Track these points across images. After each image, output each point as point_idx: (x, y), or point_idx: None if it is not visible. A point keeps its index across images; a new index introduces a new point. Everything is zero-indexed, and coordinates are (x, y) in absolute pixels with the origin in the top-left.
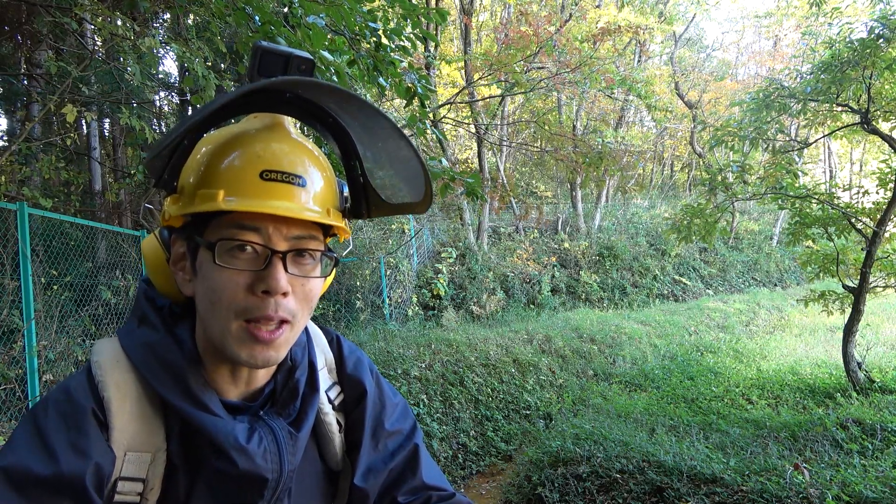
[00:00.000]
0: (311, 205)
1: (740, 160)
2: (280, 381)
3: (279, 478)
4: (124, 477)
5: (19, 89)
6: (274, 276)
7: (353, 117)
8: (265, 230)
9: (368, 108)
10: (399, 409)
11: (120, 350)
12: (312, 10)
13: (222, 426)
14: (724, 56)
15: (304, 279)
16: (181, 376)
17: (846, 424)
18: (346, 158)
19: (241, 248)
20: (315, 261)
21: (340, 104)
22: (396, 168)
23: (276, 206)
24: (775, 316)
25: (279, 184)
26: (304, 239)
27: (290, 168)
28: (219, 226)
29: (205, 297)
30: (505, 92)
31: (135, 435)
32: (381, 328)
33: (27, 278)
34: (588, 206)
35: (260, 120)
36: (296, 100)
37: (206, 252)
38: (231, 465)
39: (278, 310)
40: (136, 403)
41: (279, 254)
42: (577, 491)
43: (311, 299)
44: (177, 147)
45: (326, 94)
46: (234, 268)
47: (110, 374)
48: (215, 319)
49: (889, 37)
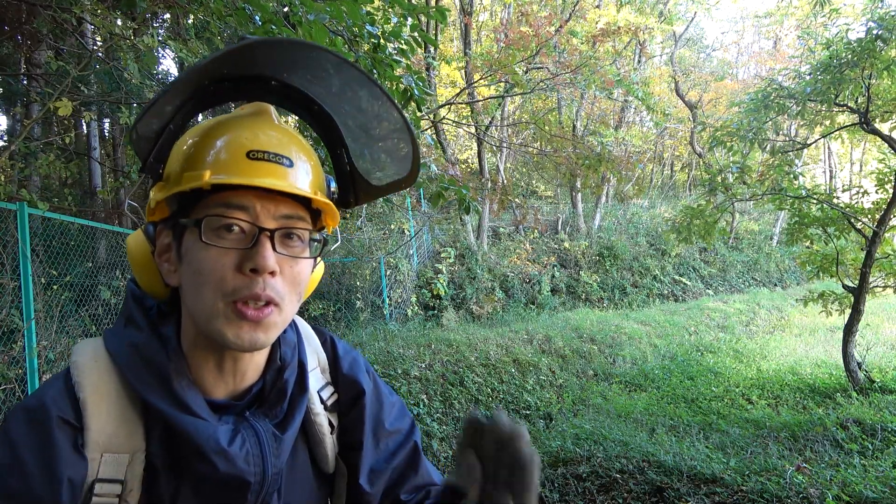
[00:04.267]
0: (300, 184)
1: (740, 161)
2: (269, 381)
3: (262, 481)
4: (101, 479)
5: (19, 89)
6: (262, 254)
7: (329, 84)
8: (253, 208)
9: (335, 57)
10: (397, 408)
11: (101, 350)
12: (313, 8)
13: (203, 428)
14: (724, 56)
15: (293, 260)
16: (164, 376)
17: (846, 424)
18: (333, 147)
19: (228, 229)
20: (304, 243)
21: (312, 68)
22: (383, 141)
23: (263, 182)
24: (775, 316)
25: (266, 163)
26: (293, 219)
27: (278, 149)
28: (205, 206)
29: (191, 280)
30: (505, 92)
31: (112, 436)
32: (381, 328)
33: (27, 278)
34: (588, 206)
35: (246, 109)
36: (281, 88)
37: (193, 232)
38: (212, 468)
39: (266, 289)
40: (114, 404)
41: (267, 232)
42: (577, 491)
43: (299, 283)
44: (164, 129)
45: (289, 50)
46: (221, 246)
47: (87, 375)
48: (201, 301)
49: (887, 37)
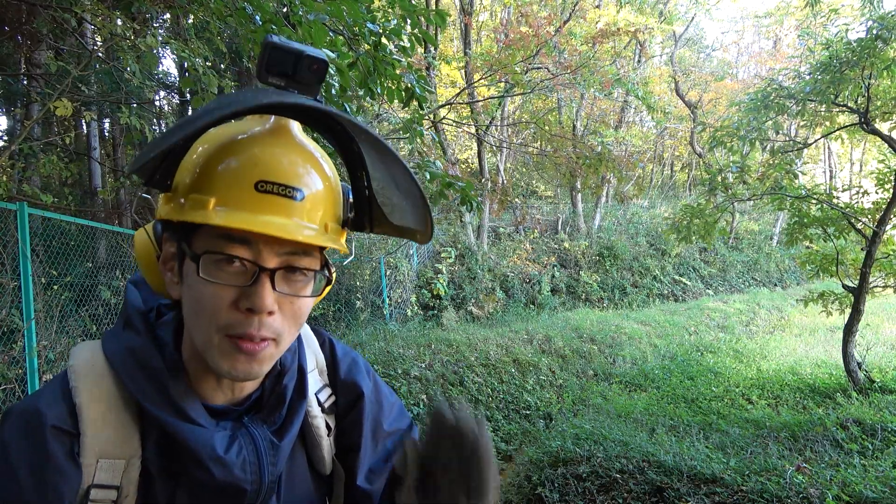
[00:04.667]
0: (308, 222)
1: (740, 161)
2: (268, 387)
3: (259, 489)
4: (97, 484)
5: (19, 89)
6: (259, 295)
7: (360, 135)
8: (255, 244)
9: (376, 138)
10: (396, 409)
11: (99, 354)
12: (313, 8)
13: (200, 435)
14: (724, 56)
15: (293, 298)
16: (161, 383)
17: (846, 424)
18: (353, 169)
19: (229, 262)
20: (308, 278)
21: (349, 126)
22: (401, 190)
23: (267, 223)
24: (775, 316)
25: (274, 197)
26: (297, 256)
27: (288, 179)
28: (208, 234)
29: (189, 306)
30: (505, 92)
31: (108, 442)
32: (381, 328)
33: (27, 278)
34: (588, 206)
35: (263, 120)
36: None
37: (191, 263)
38: (208, 475)
39: (261, 329)
40: (110, 409)
41: (267, 271)
42: (577, 491)
43: (299, 317)
44: (169, 151)
45: (335, 118)
46: (218, 282)
47: (84, 379)
48: (198, 329)
49: (887, 37)
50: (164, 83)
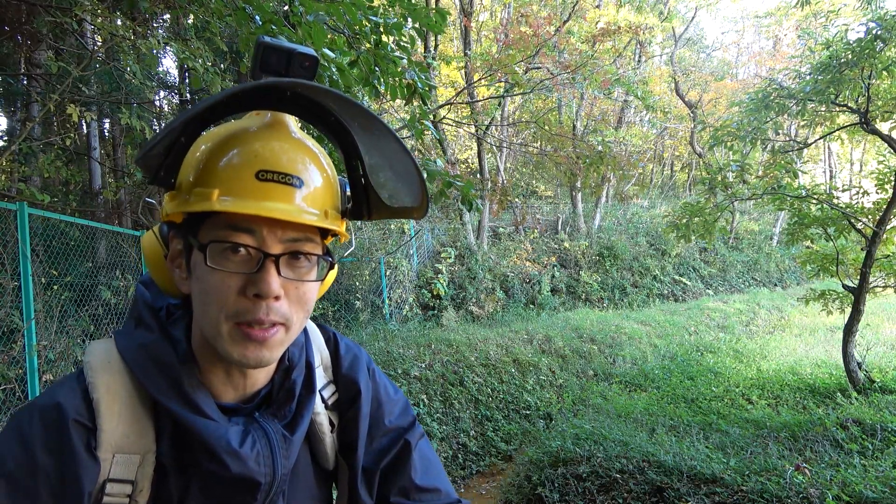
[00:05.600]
0: (309, 207)
1: (740, 160)
2: (277, 382)
3: (272, 481)
4: (113, 479)
5: (19, 89)
6: (265, 280)
7: (352, 117)
8: (259, 232)
9: (367, 112)
10: (398, 407)
11: (113, 351)
12: (313, 8)
13: (214, 429)
14: (724, 56)
15: (299, 282)
16: (175, 378)
17: (846, 424)
18: (348, 158)
19: (234, 250)
20: (311, 263)
21: (339, 105)
22: (396, 171)
23: (270, 208)
24: (775, 316)
25: (275, 184)
26: (300, 241)
27: (288, 168)
28: (213, 226)
29: (198, 297)
30: (505, 92)
31: (124, 437)
32: (381, 328)
33: (27, 278)
34: (588, 206)
35: (260, 117)
36: (297, 98)
37: (199, 254)
38: (223, 468)
39: (269, 313)
40: (125, 405)
41: (272, 257)
42: (577, 491)
43: (305, 302)
44: (173, 144)
45: (324, 95)
46: (225, 270)
47: (100, 375)
48: (208, 319)
49: (886, 37)
50: (165, 83)
